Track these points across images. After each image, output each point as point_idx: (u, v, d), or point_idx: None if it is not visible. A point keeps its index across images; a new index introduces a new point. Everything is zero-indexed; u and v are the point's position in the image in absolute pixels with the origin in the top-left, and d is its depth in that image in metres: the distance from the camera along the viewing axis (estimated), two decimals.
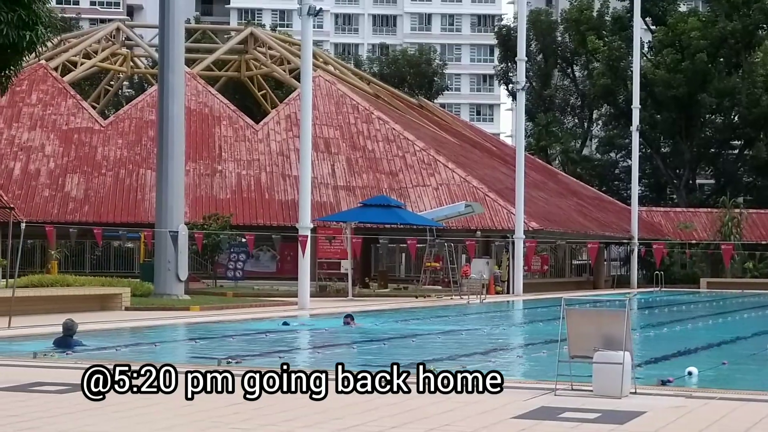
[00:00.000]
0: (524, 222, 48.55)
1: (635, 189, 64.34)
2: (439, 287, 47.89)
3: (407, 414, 11.03)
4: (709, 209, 69.25)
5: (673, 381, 14.55)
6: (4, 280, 34.71)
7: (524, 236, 47.87)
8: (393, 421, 10.52)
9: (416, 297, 42.91)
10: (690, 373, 15.81)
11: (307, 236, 34.55)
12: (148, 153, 52.73)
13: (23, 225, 26.05)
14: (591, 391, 12.64)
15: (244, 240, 45.36)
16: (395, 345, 21.72)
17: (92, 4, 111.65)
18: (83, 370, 11.87)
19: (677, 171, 79.38)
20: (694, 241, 63.28)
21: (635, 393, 12.77)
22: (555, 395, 12.57)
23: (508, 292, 48.35)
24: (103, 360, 16.92)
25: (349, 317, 26.05)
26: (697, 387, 14.45)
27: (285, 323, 25.73)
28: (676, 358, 19.04)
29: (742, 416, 11.37)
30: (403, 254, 55.59)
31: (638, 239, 60.76)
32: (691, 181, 79.26)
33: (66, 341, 19.45)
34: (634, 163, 64.55)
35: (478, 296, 41.10)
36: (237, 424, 10.25)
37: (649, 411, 11.47)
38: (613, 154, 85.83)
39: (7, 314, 23.65)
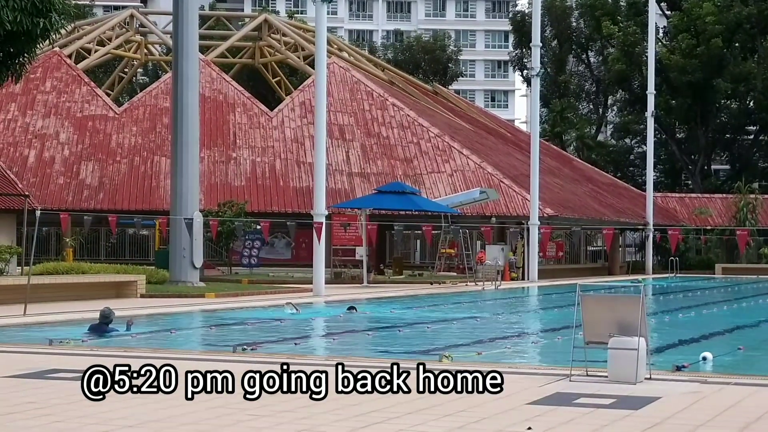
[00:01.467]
0: (539, 208, 48.47)
1: (650, 175, 64.17)
2: (454, 274, 47.88)
3: (423, 400, 11.04)
4: (725, 195, 69.05)
5: (689, 366, 14.53)
6: (20, 267, 34.84)
7: (539, 222, 47.79)
8: (409, 407, 10.53)
9: (431, 283, 42.90)
10: (705, 359, 15.78)
11: (322, 223, 34.55)
12: (162, 140, 52.81)
13: (38, 212, 26.15)
14: (606, 376, 12.63)
15: (259, 227, 45.39)
16: (410, 332, 21.73)
17: None
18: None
19: (692, 157, 79.12)
20: (709, 227, 63.10)
21: (650, 379, 12.75)
22: (570, 381, 12.56)
23: (523, 279, 48.31)
24: (115, 349, 16.99)
25: (352, 308, 25.97)
26: (712, 372, 14.43)
27: (292, 311, 25.59)
28: (691, 344, 19.02)
29: (757, 402, 11.34)
30: (418, 241, 55.56)
31: (653, 225, 60.64)
32: (706, 167, 79.00)
33: (101, 328, 19.74)
34: (649, 148, 64.35)
35: (493, 283, 41.06)
36: (253, 410, 10.26)
37: (664, 396, 11.45)
38: (628, 140, 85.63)
39: (23, 302, 23.75)
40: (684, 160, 79.30)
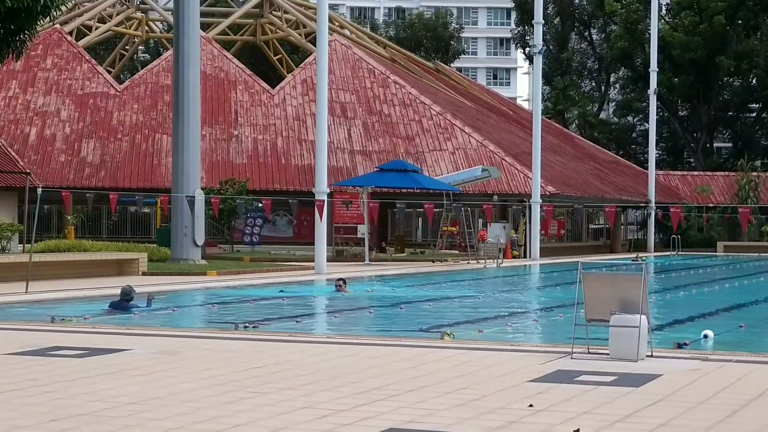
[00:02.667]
0: (541, 186, 48.44)
1: (652, 153, 64.09)
2: (456, 251, 47.89)
3: (424, 378, 11.06)
4: (727, 173, 68.98)
5: (690, 344, 14.54)
6: (21, 245, 34.86)
7: (541, 200, 47.77)
8: (410, 385, 10.55)
9: (433, 261, 42.92)
10: (706, 336, 15.80)
11: (323, 201, 34.55)
12: (164, 118, 52.74)
13: (40, 190, 26.13)
14: (607, 354, 12.64)
15: (260, 205, 45.39)
16: (412, 309, 21.75)
17: None
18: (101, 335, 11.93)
19: (694, 134, 78.99)
20: (711, 205, 63.08)
21: (651, 356, 12.76)
22: (571, 359, 12.58)
23: (524, 257, 48.33)
24: (117, 327, 17.01)
25: (341, 281, 25.69)
26: (713, 350, 14.44)
27: (281, 291, 25.37)
28: (693, 322, 19.03)
29: (758, 379, 11.35)
30: (420, 219, 55.58)
31: (655, 203, 60.60)
32: (708, 145, 78.88)
33: (122, 305, 20.00)
34: (652, 126, 64.23)
35: (495, 261, 41.07)
36: (254, 388, 10.29)
37: (666, 374, 11.47)
38: (630, 118, 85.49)
39: (24, 279, 23.77)
40: (686, 137, 79.17)
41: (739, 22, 73.94)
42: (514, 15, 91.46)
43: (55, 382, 10.61)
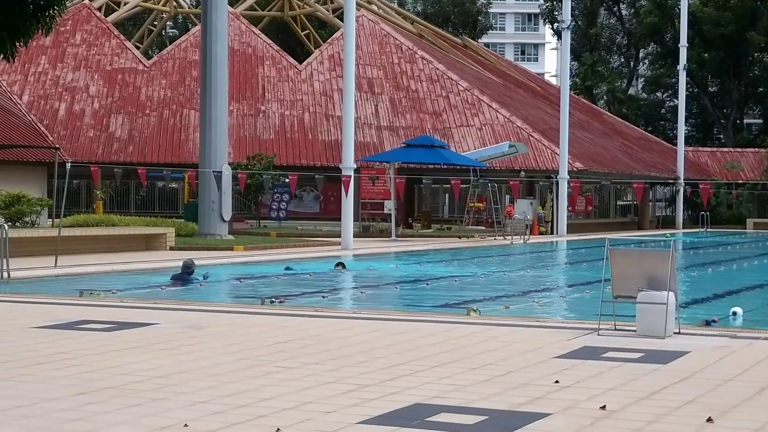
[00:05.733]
0: (569, 162, 48.25)
1: (681, 129, 63.68)
2: (483, 228, 47.84)
3: (450, 353, 11.05)
4: (757, 149, 68.50)
5: (718, 321, 14.47)
6: (50, 219, 35.07)
7: (568, 177, 47.59)
8: (436, 360, 10.55)
9: (459, 237, 42.88)
10: (734, 314, 15.72)
11: (350, 176, 34.53)
12: (191, 93, 52.84)
13: (68, 165, 26.24)
14: (634, 331, 12.59)
15: (287, 180, 45.45)
16: (438, 285, 21.75)
17: None
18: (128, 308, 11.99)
19: (724, 110, 78.43)
20: (740, 181, 62.69)
21: (679, 333, 12.70)
22: (598, 335, 12.54)
23: (552, 233, 48.21)
24: (143, 300, 17.09)
25: (339, 264, 25.46)
26: (741, 327, 14.36)
27: (287, 268, 25.10)
28: (721, 299, 18.94)
29: None
30: (447, 194, 55.51)
31: (684, 180, 60.28)
32: (738, 121, 78.32)
33: (183, 277, 20.62)
34: (681, 102, 63.80)
35: (522, 237, 41.00)
36: (280, 362, 10.32)
37: (693, 351, 11.41)
38: (659, 94, 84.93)
39: (54, 253, 23.91)
40: (716, 113, 78.62)
41: None
42: None
43: (82, 355, 10.68)
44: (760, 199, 61.71)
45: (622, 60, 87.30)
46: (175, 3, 67.81)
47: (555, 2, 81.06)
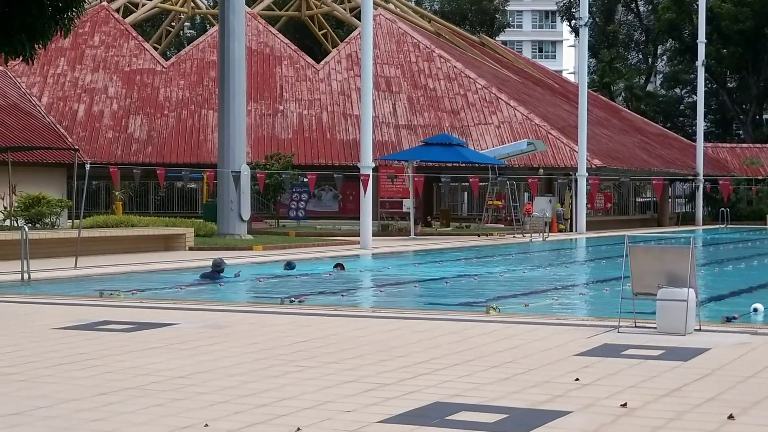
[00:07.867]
0: (587, 159, 48.14)
1: (700, 125, 63.45)
2: (502, 225, 47.78)
3: (469, 352, 11.05)
4: None
5: (739, 318, 14.41)
6: (70, 220, 35.20)
7: (587, 174, 47.48)
8: (456, 359, 10.54)
9: (478, 235, 42.84)
10: (756, 310, 15.63)
11: (368, 175, 34.54)
12: (209, 94, 52.95)
13: (88, 166, 26.37)
14: (655, 328, 12.55)
15: (305, 179, 45.50)
16: (457, 284, 21.73)
17: None
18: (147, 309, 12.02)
19: (743, 106, 78.10)
20: (760, 177, 62.40)
21: (699, 330, 12.66)
22: (618, 332, 12.51)
23: (570, 230, 48.10)
24: (163, 301, 17.14)
25: (339, 266, 25.11)
26: (762, 324, 14.30)
27: (290, 266, 24.83)
28: (742, 295, 18.85)
29: None
30: (465, 193, 55.44)
31: (703, 176, 60.05)
32: (757, 117, 77.97)
33: (213, 276, 21.09)
34: (700, 98, 63.57)
35: (541, 234, 40.92)
36: (300, 362, 10.33)
37: (714, 348, 11.37)
38: (678, 90, 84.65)
39: (74, 254, 24.00)
40: (735, 109, 78.30)
41: None
42: None
43: (103, 356, 10.71)
44: None
45: (640, 56, 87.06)
46: (192, 4, 67.95)
47: None
